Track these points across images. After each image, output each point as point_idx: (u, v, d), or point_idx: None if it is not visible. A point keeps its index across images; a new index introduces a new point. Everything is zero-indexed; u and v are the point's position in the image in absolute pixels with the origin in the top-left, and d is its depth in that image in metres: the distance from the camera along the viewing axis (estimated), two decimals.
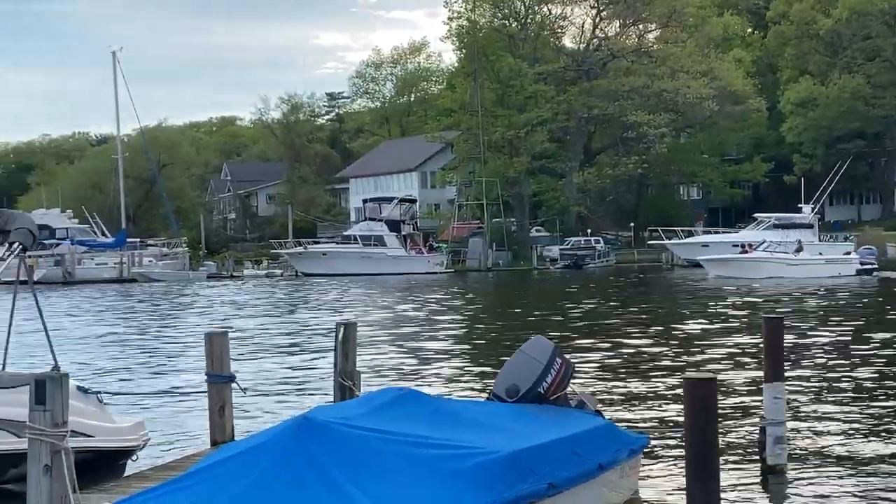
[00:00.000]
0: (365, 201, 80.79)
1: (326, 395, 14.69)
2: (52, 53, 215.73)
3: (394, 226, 72.92)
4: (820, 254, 57.19)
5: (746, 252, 56.40)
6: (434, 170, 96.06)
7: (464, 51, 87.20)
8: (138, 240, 79.26)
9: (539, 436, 7.50)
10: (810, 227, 62.02)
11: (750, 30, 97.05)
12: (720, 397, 9.02)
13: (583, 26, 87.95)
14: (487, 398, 9.33)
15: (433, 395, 8.74)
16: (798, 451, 11.49)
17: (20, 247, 9.87)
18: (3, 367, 10.58)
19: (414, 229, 76.03)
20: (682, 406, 9.10)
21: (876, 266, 54.48)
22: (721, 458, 7.73)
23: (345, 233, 79.44)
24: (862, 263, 54.22)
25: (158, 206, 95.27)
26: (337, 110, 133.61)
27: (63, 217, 77.88)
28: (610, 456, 8.24)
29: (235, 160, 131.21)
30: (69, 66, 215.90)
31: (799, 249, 55.35)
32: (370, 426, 6.81)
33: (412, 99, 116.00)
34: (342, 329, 10.88)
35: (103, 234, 78.23)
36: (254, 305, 42.44)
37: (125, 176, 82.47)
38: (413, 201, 79.72)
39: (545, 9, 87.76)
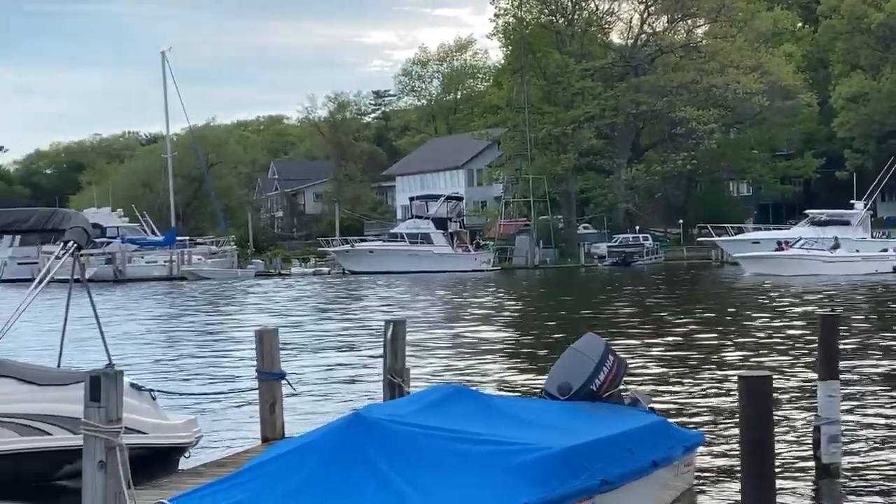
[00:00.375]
0: (411, 199, 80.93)
1: (376, 392, 14.72)
2: (103, 54, 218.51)
3: (440, 223, 72.98)
4: (857, 251, 56.62)
5: (783, 249, 56.09)
6: (480, 167, 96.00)
7: (510, 48, 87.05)
8: (187, 238, 79.98)
9: (592, 432, 7.46)
10: (847, 223, 61.33)
11: (800, 24, 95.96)
12: (773, 394, 8.90)
13: (630, 22, 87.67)
14: (539, 396, 9.29)
15: (484, 393, 8.72)
16: (853, 450, 11.32)
17: (75, 245, 9.97)
18: (59, 365, 10.70)
19: (460, 227, 76.06)
20: (736, 403, 9.04)
21: None
22: (775, 456, 7.63)
23: (391, 230, 79.60)
24: None
25: (207, 205, 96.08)
26: (383, 108, 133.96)
27: (114, 216, 78.74)
28: (664, 453, 8.17)
29: (282, 159, 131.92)
30: (119, 67, 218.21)
31: (836, 246, 54.97)
32: (422, 423, 6.80)
33: (458, 96, 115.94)
34: (391, 327, 10.87)
35: (153, 232, 79.01)
36: (302, 303, 42.63)
37: (174, 175, 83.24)
38: (460, 199, 79.74)
39: (592, 4, 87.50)
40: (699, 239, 74.44)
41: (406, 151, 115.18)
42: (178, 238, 77.06)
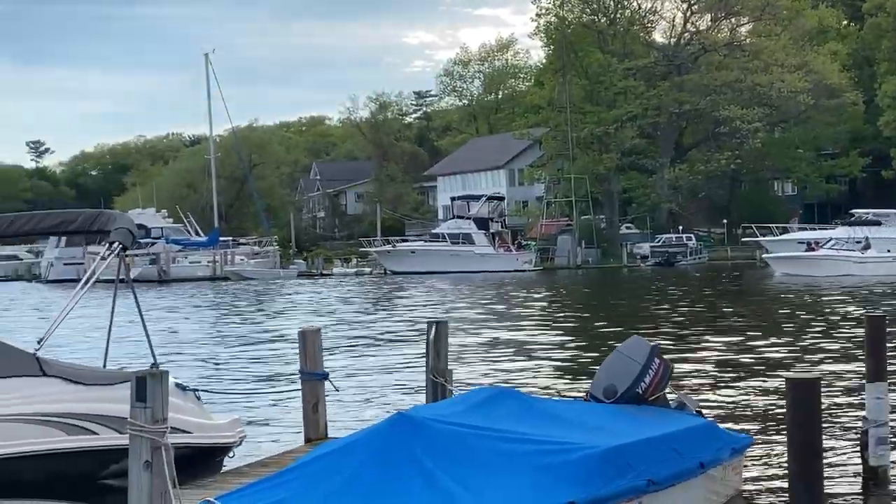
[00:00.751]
0: (453, 199, 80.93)
1: (418, 393, 14.70)
2: (147, 56, 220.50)
3: (482, 223, 72.91)
4: (888, 251, 55.99)
5: (813, 249, 55.76)
6: (522, 167, 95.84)
7: (552, 47, 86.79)
8: (230, 239, 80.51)
9: (637, 433, 7.41)
10: (878, 223, 60.66)
11: (845, 22, 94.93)
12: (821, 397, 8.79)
13: (673, 20, 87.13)
14: (584, 398, 9.24)
15: (529, 395, 8.69)
16: None
17: (120, 246, 10.03)
18: (104, 365, 10.77)
19: (502, 227, 75.92)
20: (783, 406, 8.91)
21: None
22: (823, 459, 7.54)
23: (433, 231, 79.60)
24: None
25: (250, 205, 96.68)
26: (424, 108, 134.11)
27: (158, 217, 79.38)
28: (711, 455, 8.09)
29: (324, 159, 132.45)
30: (164, 69, 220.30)
31: (867, 247, 54.43)
32: (467, 423, 6.79)
33: (500, 96, 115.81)
34: (434, 327, 10.84)
35: (196, 233, 79.59)
36: (344, 303, 42.75)
37: (217, 175, 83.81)
38: (501, 199, 79.64)
39: (635, 3, 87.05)
40: (743, 239, 73.84)
41: (447, 151, 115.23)
42: (222, 238, 77.58)
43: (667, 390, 9.15)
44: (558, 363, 20.70)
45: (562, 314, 34.37)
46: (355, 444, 6.62)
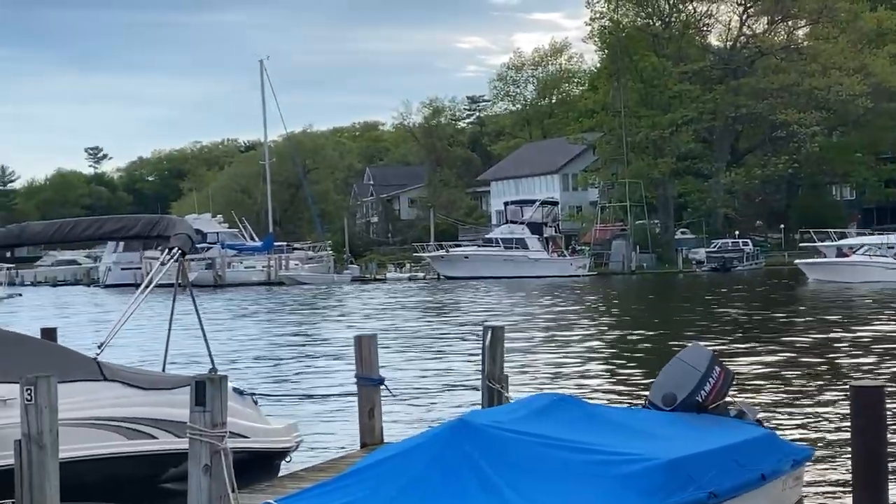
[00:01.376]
0: (506, 204, 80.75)
1: (474, 398, 14.64)
2: (203, 63, 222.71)
3: (536, 228, 72.68)
4: None
5: (846, 256, 55.31)
6: (576, 172, 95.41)
7: (606, 51, 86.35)
8: (285, 244, 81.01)
9: (699, 443, 7.29)
10: None
11: None
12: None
13: (729, 24, 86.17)
14: (643, 406, 9.14)
15: (588, 402, 8.63)
16: None
17: (179, 251, 10.12)
18: (163, 369, 10.87)
19: (556, 232, 75.62)
20: (847, 415, 8.74)
21: None
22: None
23: (486, 236, 79.46)
24: None
25: (304, 210, 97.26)
26: (478, 113, 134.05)
27: (213, 222, 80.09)
28: (773, 466, 7.95)
29: (377, 164, 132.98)
30: (219, 75, 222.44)
31: None
32: (526, 430, 6.74)
33: (553, 101, 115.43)
34: (490, 332, 10.80)
35: (251, 238, 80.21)
36: (398, 308, 42.81)
37: (272, 181, 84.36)
38: (555, 204, 79.33)
39: (690, 7, 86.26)
40: (801, 244, 72.88)
41: (501, 156, 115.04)
42: (276, 243, 78.11)
43: (727, 399, 9.02)
44: (613, 369, 20.57)
45: (616, 319, 34.14)
46: (414, 449, 6.59)
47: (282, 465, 10.69)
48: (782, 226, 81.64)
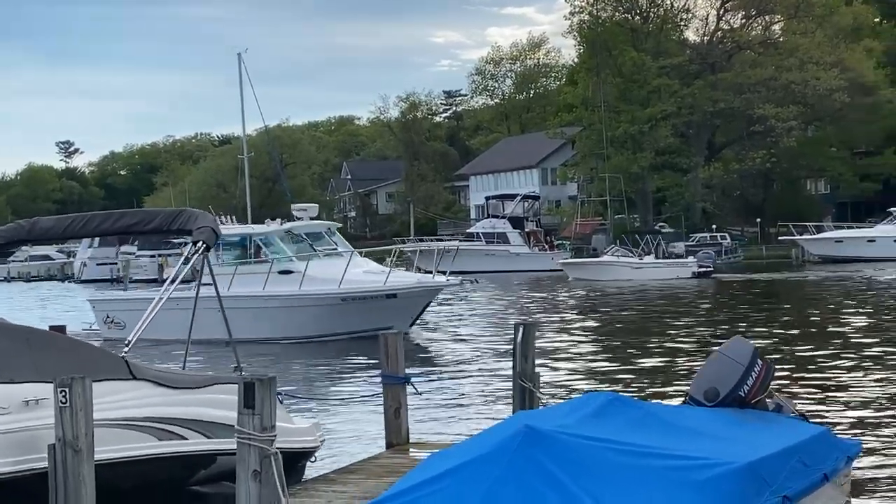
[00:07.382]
0: (488, 198, 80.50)
1: (501, 397, 14.39)
2: (176, 56, 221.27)
3: (517, 223, 72.47)
4: None
5: (598, 257, 59.05)
6: (555, 166, 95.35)
7: (585, 46, 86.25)
8: None
9: (766, 444, 7.06)
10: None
11: (880, 19, 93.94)
12: None
13: (706, 18, 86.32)
14: (683, 401, 8.93)
15: (638, 400, 8.40)
16: None
17: (204, 245, 9.79)
18: (184, 367, 10.55)
19: (536, 226, 75.46)
20: (884, 406, 8.58)
21: (712, 269, 55.78)
22: None
23: (467, 230, 79.14)
24: (699, 266, 55.56)
25: (282, 205, 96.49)
26: (454, 108, 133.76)
27: None
28: (832, 465, 7.77)
29: (354, 159, 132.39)
30: (191, 69, 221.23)
31: None
32: (591, 434, 6.48)
33: (531, 95, 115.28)
34: (521, 329, 10.57)
35: None
36: None
37: (249, 175, 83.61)
38: (537, 198, 79.13)
39: (668, 1, 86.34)
40: (780, 238, 73.09)
41: (479, 151, 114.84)
42: None
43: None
44: (624, 363, 20.28)
45: (605, 315, 34.03)
46: (483, 458, 6.23)
47: (307, 465, 10.41)
48: (758, 220, 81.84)
